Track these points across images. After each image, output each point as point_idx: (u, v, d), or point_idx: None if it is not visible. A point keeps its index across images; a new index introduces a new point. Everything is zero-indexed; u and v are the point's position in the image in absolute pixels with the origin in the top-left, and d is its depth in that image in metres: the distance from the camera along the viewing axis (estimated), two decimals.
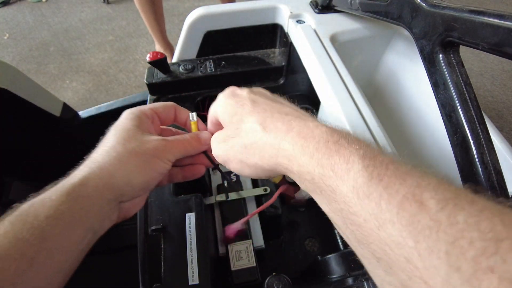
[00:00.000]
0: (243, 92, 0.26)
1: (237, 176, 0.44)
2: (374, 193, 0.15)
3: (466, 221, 0.13)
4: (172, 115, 0.32)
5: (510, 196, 0.23)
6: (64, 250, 0.21)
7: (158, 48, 1.39)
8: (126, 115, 0.29)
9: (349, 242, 0.18)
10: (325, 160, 0.18)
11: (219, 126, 0.28)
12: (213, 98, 0.52)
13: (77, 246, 0.22)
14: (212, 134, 0.28)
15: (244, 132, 0.23)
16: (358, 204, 0.16)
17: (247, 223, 0.39)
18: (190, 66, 0.49)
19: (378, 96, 0.57)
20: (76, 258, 0.22)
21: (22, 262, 0.19)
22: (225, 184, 0.41)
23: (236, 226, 0.36)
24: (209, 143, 0.29)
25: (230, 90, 0.28)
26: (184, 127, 0.34)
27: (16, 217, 0.20)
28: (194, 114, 0.32)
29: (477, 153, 0.25)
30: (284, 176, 0.38)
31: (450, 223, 0.13)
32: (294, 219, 0.46)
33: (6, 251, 0.19)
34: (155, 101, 0.48)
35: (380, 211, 0.15)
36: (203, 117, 0.54)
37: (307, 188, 0.20)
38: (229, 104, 0.26)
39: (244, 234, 0.36)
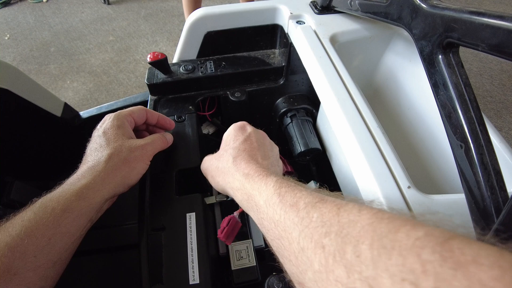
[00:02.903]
0: (247, 129, 0.35)
1: None
2: (275, 203, 0.23)
3: (317, 216, 0.20)
4: (144, 117, 0.38)
5: (510, 196, 0.23)
6: (71, 234, 0.28)
7: None
8: (111, 122, 0.34)
9: (266, 241, 0.25)
10: (256, 185, 0.26)
11: None
12: (213, 98, 0.52)
13: (80, 232, 0.29)
14: None
15: (222, 158, 0.32)
16: (265, 211, 0.24)
17: (248, 222, 0.39)
18: (190, 67, 0.50)
19: (378, 96, 0.57)
20: (79, 240, 0.30)
21: (42, 240, 0.26)
22: None
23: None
24: (171, 141, 0.40)
25: (241, 123, 0.36)
26: (154, 126, 0.41)
27: (38, 208, 0.27)
28: None
29: (476, 154, 0.25)
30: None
31: (307, 217, 0.20)
32: None
33: (31, 232, 0.25)
34: (155, 101, 0.48)
35: (274, 214, 0.23)
36: (203, 117, 0.55)
37: (246, 207, 0.28)
38: (231, 134, 0.35)
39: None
